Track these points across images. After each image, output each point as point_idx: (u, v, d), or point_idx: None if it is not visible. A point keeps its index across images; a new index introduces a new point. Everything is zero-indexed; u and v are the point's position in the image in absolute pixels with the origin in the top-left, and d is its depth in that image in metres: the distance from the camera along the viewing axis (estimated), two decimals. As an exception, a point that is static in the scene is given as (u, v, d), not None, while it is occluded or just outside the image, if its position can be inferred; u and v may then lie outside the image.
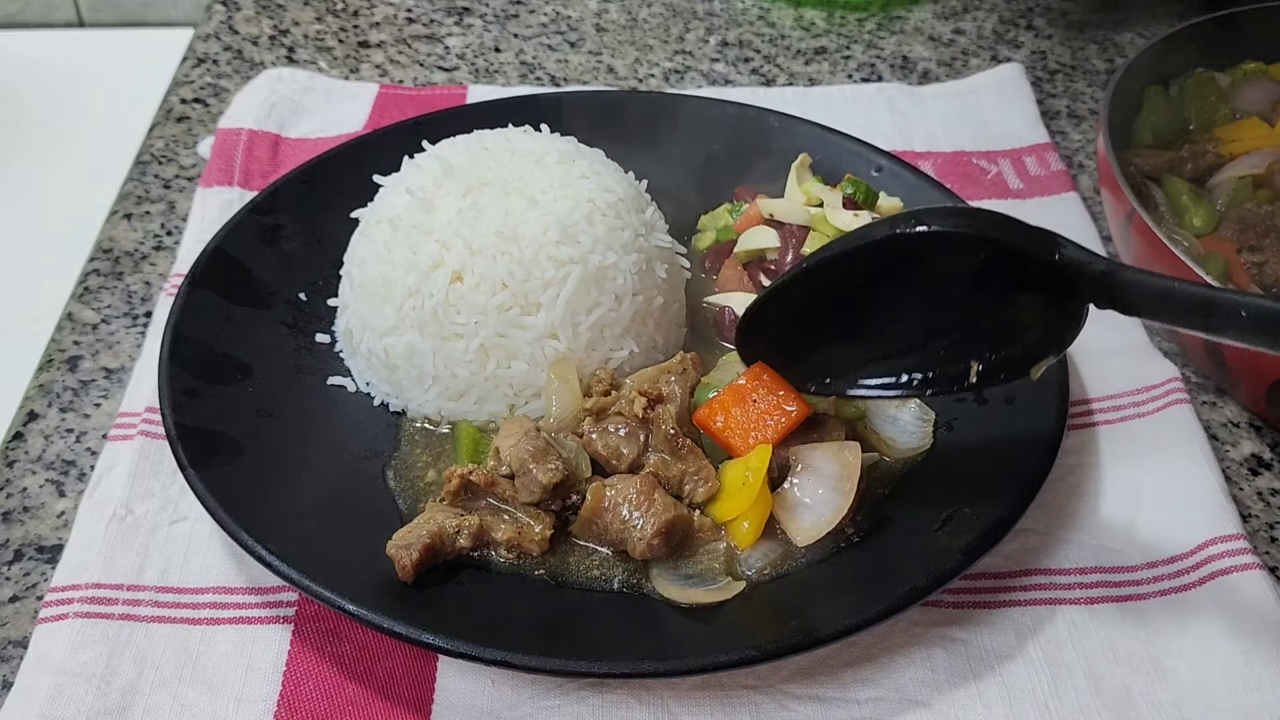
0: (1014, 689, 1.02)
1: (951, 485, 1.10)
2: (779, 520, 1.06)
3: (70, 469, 1.19)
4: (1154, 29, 1.93)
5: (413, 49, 1.84)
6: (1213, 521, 1.12)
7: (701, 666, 0.94)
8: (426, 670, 1.02)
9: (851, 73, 1.82)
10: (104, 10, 2.19)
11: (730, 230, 1.37)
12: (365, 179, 1.29)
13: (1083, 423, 1.24)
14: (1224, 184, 1.39)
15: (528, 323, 1.17)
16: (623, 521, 1.04)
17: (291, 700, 0.99)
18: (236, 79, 1.75)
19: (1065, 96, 1.79)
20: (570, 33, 1.89)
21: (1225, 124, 1.49)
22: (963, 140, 1.65)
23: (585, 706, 1.00)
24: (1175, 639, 1.05)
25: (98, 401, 1.26)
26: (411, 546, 1.01)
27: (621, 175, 1.30)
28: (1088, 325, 1.34)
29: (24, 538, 1.13)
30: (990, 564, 1.10)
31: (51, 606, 1.05)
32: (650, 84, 1.78)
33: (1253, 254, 1.29)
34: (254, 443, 1.11)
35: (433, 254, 1.17)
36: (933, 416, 1.18)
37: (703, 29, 1.91)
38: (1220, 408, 1.30)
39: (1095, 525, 1.14)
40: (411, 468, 1.16)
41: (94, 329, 1.34)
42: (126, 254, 1.44)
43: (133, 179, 1.56)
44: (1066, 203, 1.54)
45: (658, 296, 1.25)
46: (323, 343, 1.27)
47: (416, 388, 1.20)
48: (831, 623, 0.95)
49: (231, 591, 1.07)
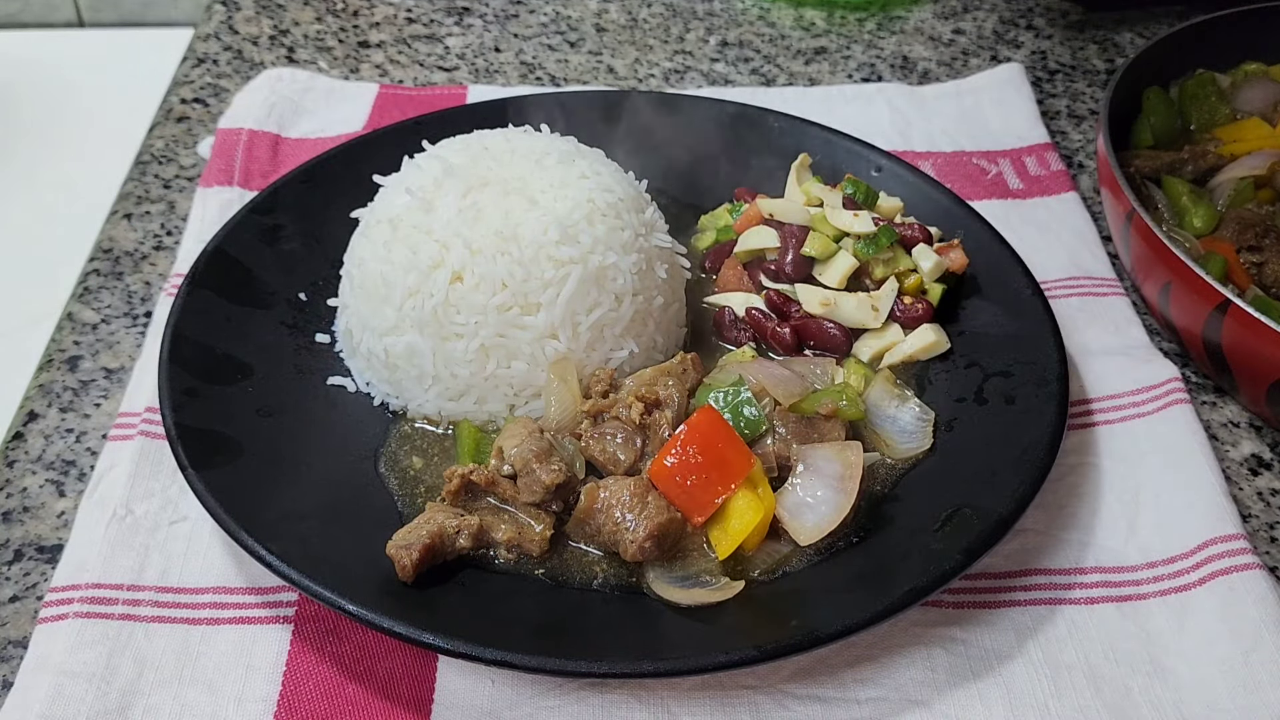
0: (1014, 689, 1.02)
1: (951, 485, 1.11)
2: (781, 520, 1.06)
3: (70, 469, 1.19)
4: (1154, 29, 1.93)
5: (413, 49, 1.84)
6: (1213, 521, 1.12)
7: (701, 666, 0.94)
8: (426, 670, 1.02)
9: (851, 73, 1.82)
10: (104, 10, 2.19)
11: (730, 230, 1.37)
12: (365, 179, 1.29)
13: (1083, 423, 1.24)
14: (1225, 184, 1.39)
15: (528, 323, 1.17)
16: (615, 523, 1.04)
17: (291, 700, 0.99)
18: (236, 79, 1.75)
19: (1065, 96, 1.79)
20: (570, 33, 1.89)
21: (1226, 124, 1.49)
22: (963, 140, 1.65)
23: (585, 706, 1.00)
24: (1175, 639, 1.05)
25: (98, 401, 1.26)
26: (411, 547, 1.01)
27: (621, 175, 1.30)
28: (1088, 325, 1.35)
29: (24, 538, 1.13)
30: (990, 564, 1.10)
31: (51, 606, 1.05)
32: (650, 84, 1.78)
33: (1253, 254, 1.29)
34: (254, 443, 1.11)
35: (433, 254, 1.17)
36: (933, 416, 1.18)
37: (703, 29, 1.91)
38: (1220, 408, 1.30)
39: (1095, 525, 1.15)
40: (410, 468, 1.16)
41: (94, 329, 1.34)
42: (126, 254, 1.44)
43: (133, 179, 1.56)
44: (1066, 203, 1.54)
45: (658, 296, 1.25)
46: (323, 343, 1.27)
47: (416, 388, 1.20)
48: (831, 623, 0.95)
49: (231, 591, 1.07)
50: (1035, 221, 1.51)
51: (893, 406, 1.18)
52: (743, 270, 1.34)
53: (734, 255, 1.35)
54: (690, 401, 1.14)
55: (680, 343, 1.31)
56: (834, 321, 1.27)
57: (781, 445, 1.10)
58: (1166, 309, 1.28)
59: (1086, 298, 1.39)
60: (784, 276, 1.31)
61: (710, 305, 1.35)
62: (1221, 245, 1.30)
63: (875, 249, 1.28)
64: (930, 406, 1.19)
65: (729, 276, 1.35)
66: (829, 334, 1.27)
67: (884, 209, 1.35)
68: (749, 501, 1.04)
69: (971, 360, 1.24)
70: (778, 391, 1.12)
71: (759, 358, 1.24)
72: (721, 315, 1.32)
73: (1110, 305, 1.38)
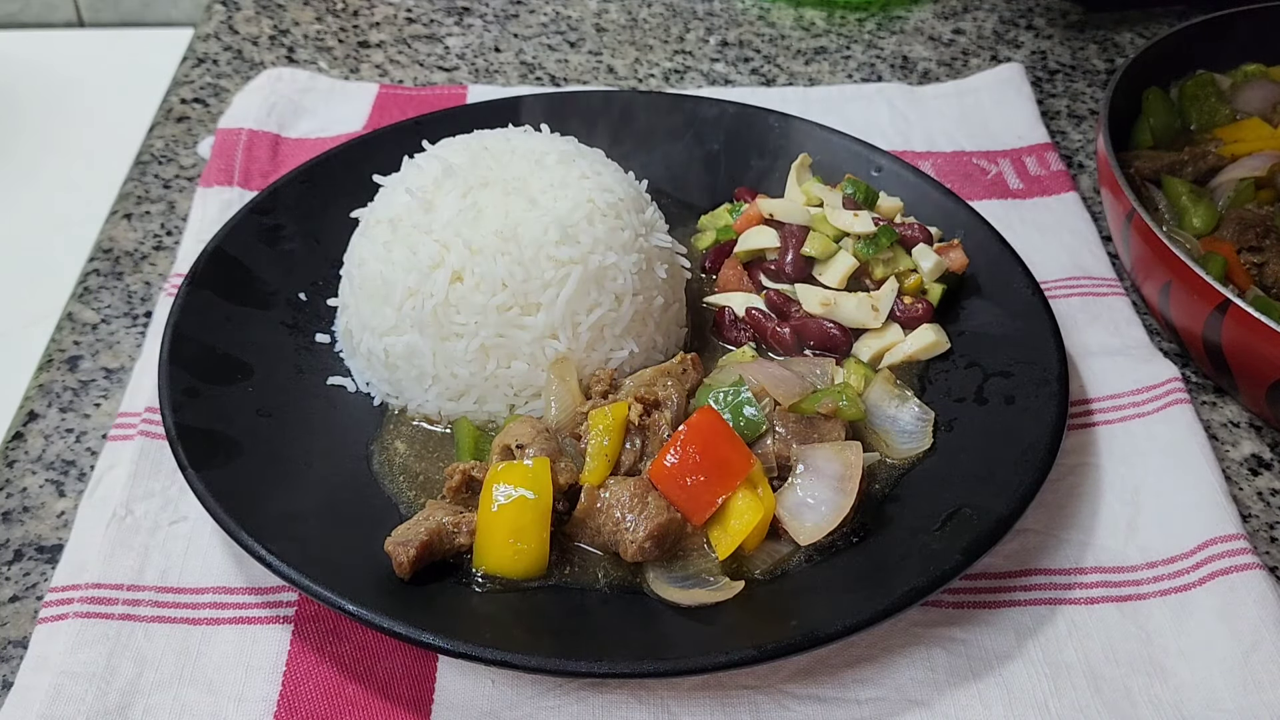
0: (1014, 689, 1.01)
1: (951, 485, 1.11)
2: (781, 520, 1.06)
3: (70, 469, 1.19)
4: (1154, 29, 1.93)
5: (413, 49, 1.84)
6: (1213, 521, 1.12)
7: (701, 666, 0.94)
8: (426, 670, 1.02)
9: (851, 73, 1.82)
10: (104, 10, 2.19)
11: (730, 230, 1.37)
12: (365, 179, 1.29)
13: (1083, 423, 1.24)
14: (1225, 185, 1.39)
15: (528, 323, 1.17)
16: (615, 523, 1.04)
17: (291, 700, 0.99)
18: (236, 79, 1.75)
19: (1065, 96, 1.79)
20: (570, 33, 1.89)
21: (1225, 125, 1.49)
22: (962, 140, 1.65)
23: (585, 706, 1.00)
24: (1175, 639, 1.05)
25: (98, 401, 1.26)
26: (409, 543, 1.01)
27: (621, 175, 1.30)
28: (1087, 324, 1.35)
29: (24, 538, 1.13)
30: (990, 564, 1.10)
31: (51, 606, 1.05)
32: (650, 84, 1.78)
33: (1253, 254, 1.29)
34: (254, 443, 1.11)
35: (433, 254, 1.17)
36: (932, 416, 1.18)
37: (703, 29, 1.91)
38: (1220, 408, 1.30)
39: (1095, 525, 1.14)
40: (410, 467, 1.16)
41: (94, 329, 1.34)
42: (126, 254, 1.44)
43: (133, 179, 1.56)
44: (1066, 203, 1.54)
45: (658, 296, 1.25)
46: (323, 343, 1.27)
47: (416, 387, 1.20)
48: (831, 623, 0.95)
49: (231, 591, 1.07)
50: (1035, 221, 1.51)
51: (893, 406, 1.18)
52: (743, 270, 1.34)
53: (734, 255, 1.35)
54: (690, 402, 1.14)
55: (680, 343, 1.31)
56: (834, 321, 1.27)
57: (781, 445, 1.10)
58: (1166, 309, 1.28)
59: (1086, 298, 1.39)
60: (784, 276, 1.31)
61: (710, 305, 1.35)
62: (1222, 245, 1.30)
63: (875, 249, 1.28)
64: (930, 406, 1.19)
65: (729, 276, 1.35)
66: (829, 334, 1.27)
67: (884, 209, 1.35)
68: (749, 501, 1.04)
69: (971, 360, 1.24)
70: (778, 391, 1.12)
71: (759, 358, 1.25)
72: (721, 315, 1.32)
73: (1110, 305, 1.38)
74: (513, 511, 1.01)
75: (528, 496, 1.01)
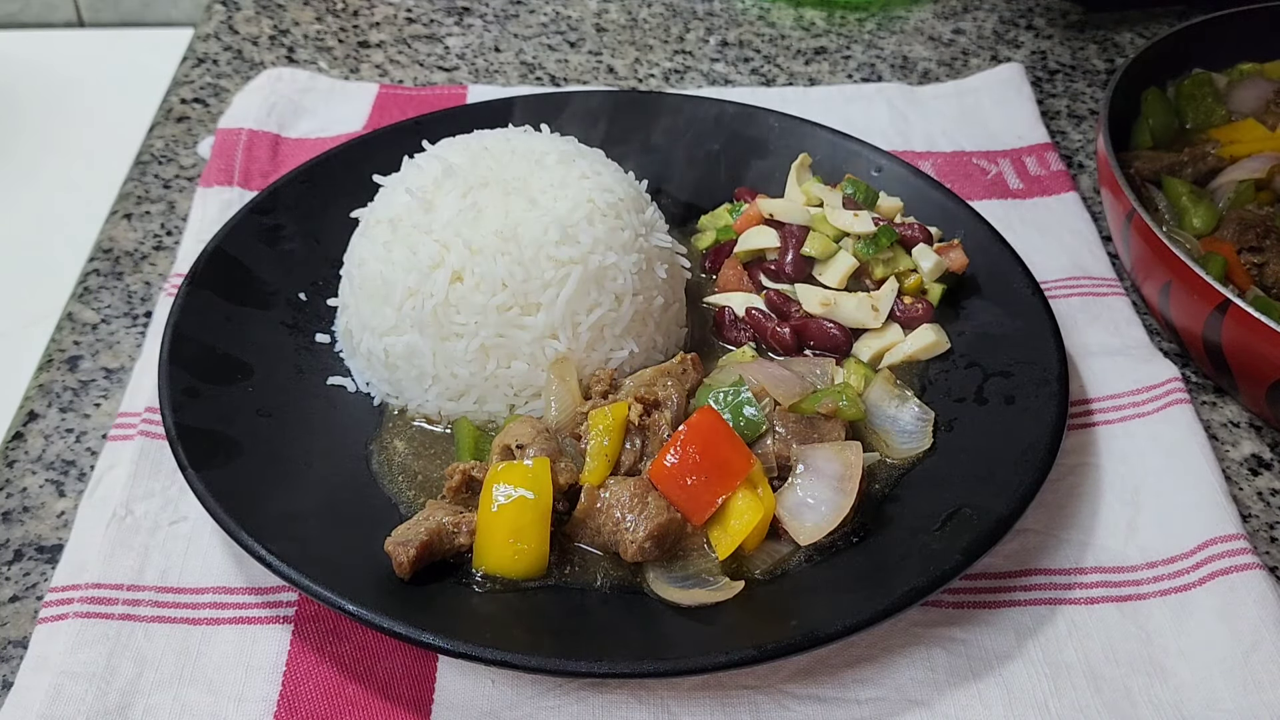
0: (1014, 689, 1.01)
1: (951, 485, 1.10)
2: (781, 520, 1.06)
3: (70, 469, 1.19)
4: (1154, 29, 1.93)
5: (413, 49, 1.84)
6: (1213, 521, 1.12)
7: (701, 666, 0.94)
8: (426, 670, 1.02)
9: (851, 73, 1.82)
10: (104, 10, 2.19)
11: (730, 230, 1.37)
12: (365, 179, 1.29)
13: (1083, 423, 1.24)
14: (1225, 187, 1.39)
15: (528, 323, 1.17)
16: (615, 523, 1.04)
17: (291, 700, 0.99)
18: (236, 79, 1.75)
19: (1065, 96, 1.79)
20: (570, 33, 1.89)
21: (1221, 125, 1.49)
22: (962, 140, 1.65)
23: (585, 706, 1.00)
24: (1175, 639, 1.05)
25: (98, 401, 1.26)
26: (409, 543, 1.01)
27: (621, 175, 1.30)
28: (1087, 324, 1.35)
29: (24, 538, 1.13)
30: (990, 564, 1.10)
31: (51, 606, 1.05)
32: (650, 84, 1.78)
33: (1253, 255, 1.29)
34: (254, 443, 1.11)
35: (433, 254, 1.17)
36: (932, 416, 1.18)
37: (703, 29, 1.91)
38: (1220, 408, 1.30)
39: (1095, 525, 1.14)
40: (410, 467, 1.16)
41: (94, 329, 1.34)
42: (126, 254, 1.44)
43: (133, 179, 1.56)
44: (1066, 203, 1.54)
45: (658, 296, 1.25)
46: (323, 343, 1.27)
47: (416, 387, 1.20)
48: (831, 623, 0.95)
49: (231, 591, 1.07)
50: (1035, 221, 1.51)
51: (893, 406, 1.18)
52: (743, 270, 1.34)
53: (734, 255, 1.35)
54: (690, 402, 1.14)
55: (680, 343, 1.31)
56: (834, 321, 1.27)
57: (781, 445, 1.10)
58: (1166, 309, 1.28)
59: (1086, 298, 1.39)
60: (784, 276, 1.31)
61: (710, 305, 1.35)
62: (1222, 246, 1.30)
63: (875, 249, 1.28)
64: (930, 406, 1.19)
65: (729, 276, 1.35)
66: (829, 334, 1.27)
67: (884, 209, 1.35)
68: (749, 501, 1.04)
69: (971, 360, 1.24)
70: (778, 391, 1.12)
71: (759, 358, 1.25)
72: (721, 315, 1.32)
73: (1110, 305, 1.38)
74: (513, 511, 1.01)
75: (528, 496, 1.01)
